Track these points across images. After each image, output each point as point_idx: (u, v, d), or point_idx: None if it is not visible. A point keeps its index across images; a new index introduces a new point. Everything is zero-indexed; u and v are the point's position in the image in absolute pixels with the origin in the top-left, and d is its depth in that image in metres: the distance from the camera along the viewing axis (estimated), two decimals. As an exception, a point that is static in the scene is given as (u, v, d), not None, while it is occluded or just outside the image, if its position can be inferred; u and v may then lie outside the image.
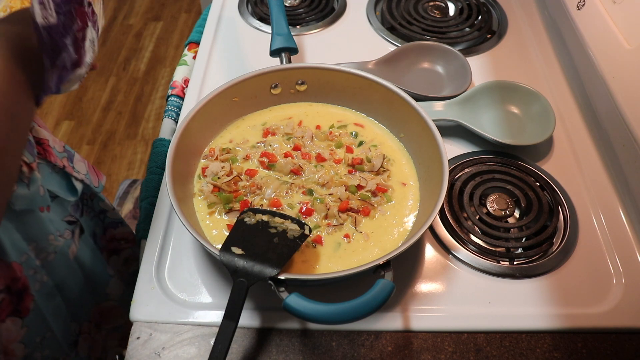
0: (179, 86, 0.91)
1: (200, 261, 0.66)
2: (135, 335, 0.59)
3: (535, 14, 1.03)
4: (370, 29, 1.00)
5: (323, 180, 0.67)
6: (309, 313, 0.50)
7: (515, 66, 0.92)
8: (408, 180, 0.70)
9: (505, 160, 0.76)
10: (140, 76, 2.31)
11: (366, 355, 0.58)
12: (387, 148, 0.73)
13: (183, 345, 0.58)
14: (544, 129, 0.77)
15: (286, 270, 0.58)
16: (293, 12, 1.02)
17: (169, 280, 0.64)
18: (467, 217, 0.70)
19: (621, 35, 0.72)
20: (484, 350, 0.59)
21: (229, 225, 0.64)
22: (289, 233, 0.57)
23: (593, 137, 0.80)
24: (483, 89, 0.82)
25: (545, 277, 0.65)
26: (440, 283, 0.64)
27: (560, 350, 0.59)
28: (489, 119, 0.81)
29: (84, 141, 2.05)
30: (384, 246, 0.63)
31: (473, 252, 0.66)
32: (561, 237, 0.68)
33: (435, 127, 0.66)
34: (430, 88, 0.87)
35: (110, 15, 2.61)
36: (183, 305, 0.62)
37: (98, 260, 0.81)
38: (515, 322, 0.61)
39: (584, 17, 0.82)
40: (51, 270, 0.69)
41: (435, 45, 0.91)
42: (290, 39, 0.79)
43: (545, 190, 0.72)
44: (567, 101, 0.86)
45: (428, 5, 1.04)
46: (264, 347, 0.59)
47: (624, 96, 0.70)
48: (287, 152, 0.71)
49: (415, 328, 0.60)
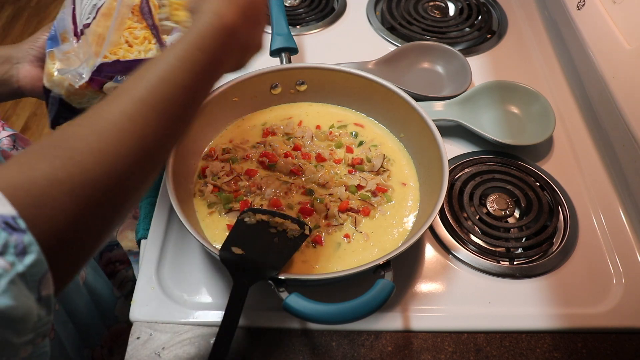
0: (179, 86, 0.91)
1: (200, 261, 0.66)
2: (135, 335, 0.59)
3: (535, 14, 1.03)
4: (370, 29, 1.00)
5: (323, 180, 0.67)
6: (309, 313, 0.50)
7: (515, 66, 0.92)
8: (408, 180, 0.70)
9: (505, 160, 0.76)
10: (140, 76, 2.31)
11: (366, 355, 0.58)
12: (387, 148, 0.73)
13: (183, 345, 0.58)
14: (544, 129, 0.77)
15: (286, 270, 0.58)
16: (293, 12, 1.02)
17: (169, 280, 0.64)
18: (467, 217, 0.70)
19: (621, 35, 0.72)
20: (484, 350, 0.59)
21: (228, 225, 0.63)
22: (289, 233, 0.57)
23: (593, 137, 0.80)
24: (483, 89, 0.82)
25: (545, 277, 0.65)
26: (440, 283, 0.64)
27: (560, 350, 0.59)
28: (489, 119, 0.81)
29: None
30: (383, 246, 0.63)
31: (473, 252, 0.66)
32: (561, 237, 0.68)
33: (435, 127, 0.66)
34: (430, 88, 0.87)
35: (110, 15, 2.61)
36: (183, 305, 0.61)
37: (104, 283, 0.80)
38: (515, 322, 0.61)
39: (584, 17, 0.82)
40: (63, 297, 0.69)
41: (435, 45, 0.91)
42: (290, 39, 0.79)
43: (545, 190, 0.72)
44: (567, 101, 0.86)
45: (428, 5, 1.04)
46: (264, 347, 0.59)
47: (624, 96, 0.70)
48: (287, 152, 0.71)
49: (415, 328, 0.60)
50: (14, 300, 0.28)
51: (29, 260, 0.29)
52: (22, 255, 0.28)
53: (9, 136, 0.68)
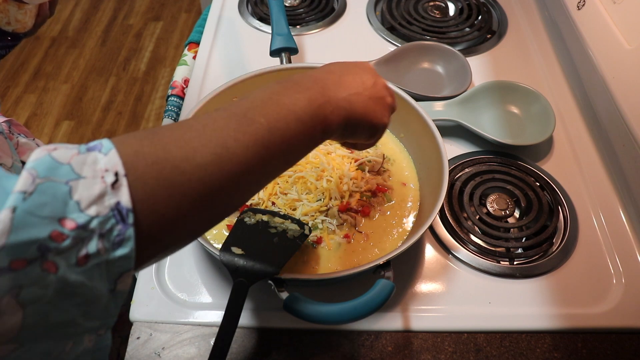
0: (179, 86, 0.91)
1: (200, 261, 0.66)
2: (135, 335, 0.59)
3: (535, 14, 1.03)
4: (370, 29, 1.00)
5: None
6: (309, 313, 0.50)
7: (515, 66, 0.92)
8: (408, 180, 0.70)
9: (505, 160, 0.76)
10: (140, 76, 2.31)
11: (366, 355, 0.58)
12: (387, 148, 0.73)
13: (183, 345, 0.58)
14: (544, 129, 0.77)
15: (286, 270, 0.57)
16: (293, 12, 1.02)
17: (169, 280, 0.64)
18: (467, 217, 0.70)
19: (621, 35, 0.72)
20: (484, 350, 0.59)
21: (228, 226, 0.64)
22: (289, 233, 0.57)
23: (593, 137, 0.80)
24: (483, 89, 0.82)
25: (545, 277, 0.65)
26: (440, 283, 0.64)
27: (560, 350, 0.59)
28: (489, 119, 0.81)
29: (84, 141, 2.00)
30: (383, 246, 0.63)
31: (473, 252, 0.66)
32: (561, 237, 0.68)
33: (435, 127, 0.66)
34: (430, 88, 0.87)
35: (110, 15, 2.61)
36: (183, 305, 0.61)
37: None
38: (515, 322, 0.61)
39: (584, 17, 0.82)
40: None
41: (435, 45, 0.91)
42: (290, 39, 0.79)
43: (545, 190, 0.72)
44: (567, 101, 0.86)
45: (428, 5, 1.04)
46: (264, 347, 0.59)
47: (624, 96, 0.70)
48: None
49: (415, 328, 0.60)
50: (90, 281, 0.29)
51: (121, 253, 0.30)
52: (118, 246, 0.29)
53: (3, 122, 0.69)
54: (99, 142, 0.32)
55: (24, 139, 0.67)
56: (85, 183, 0.29)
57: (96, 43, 2.46)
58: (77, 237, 0.28)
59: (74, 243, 0.28)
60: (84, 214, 0.28)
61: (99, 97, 2.22)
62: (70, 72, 2.32)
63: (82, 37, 2.48)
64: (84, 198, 0.29)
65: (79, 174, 0.29)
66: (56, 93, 2.23)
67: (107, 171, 0.30)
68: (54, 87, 2.25)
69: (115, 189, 0.30)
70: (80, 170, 0.29)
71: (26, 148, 0.65)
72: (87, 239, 0.28)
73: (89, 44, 2.46)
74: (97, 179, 0.29)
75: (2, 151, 0.55)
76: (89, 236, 0.28)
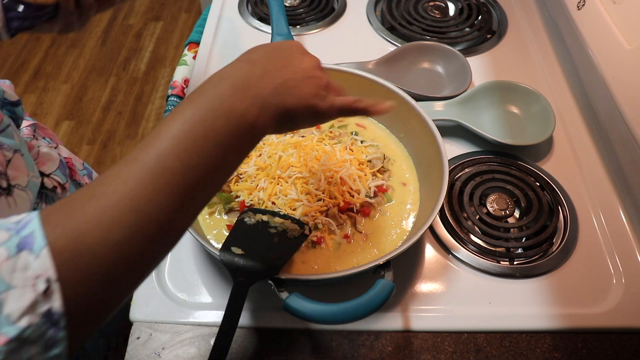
0: (179, 86, 0.91)
1: (200, 261, 0.66)
2: (135, 335, 0.59)
3: (535, 14, 1.03)
4: (370, 29, 1.00)
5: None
6: (309, 313, 0.50)
7: (515, 66, 0.92)
8: (408, 180, 0.70)
9: (505, 160, 0.76)
10: (140, 76, 2.31)
11: (366, 355, 0.58)
12: (387, 148, 0.73)
13: (183, 345, 0.58)
14: (544, 129, 0.77)
15: (286, 270, 0.58)
16: (293, 12, 1.02)
17: (169, 280, 0.64)
18: (467, 217, 0.70)
19: (621, 35, 0.72)
20: (484, 350, 0.59)
21: (228, 226, 0.64)
22: (289, 233, 0.57)
23: (593, 137, 0.80)
24: (483, 89, 0.82)
25: (545, 277, 0.65)
26: (440, 283, 0.64)
27: (560, 350, 0.59)
28: (489, 119, 0.81)
29: (84, 141, 2.05)
30: (383, 246, 0.63)
31: (473, 252, 0.66)
32: (561, 237, 0.68)
33: (435, 127, 0.66)
34: (430, 88, 0.87)
35: (110, 15, 2.61)
36: (183, 305, 0.61)
37: None
38: (515, 322, 0.61)
39: (584, 17, 0.82)
40: None
41: (435, 45, 0.91)
42: (290, 38, 0.79)
43: (545, 190, 0.72)
44: (567, 101, 0.86)
45: (428, 5, 1.04)
46: (264, 347, 0.59)
47: (624, 96, 0.70)
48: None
49: (415, 328, 0.60)
50: None
51: (55, 353, 0.30)
52: (51, 348, 0.30)
53: (28, 126, 0.68)
54: (30, 231, 0.30)
55: (45, 149, 0.65)
56: (16, 294, 0.29)
57: (96, 43, 2.46)
58: (10, 350, 0.28)
59: (7, 355, 0.28)
60: (16, 326, 0.28)
61: (99, 97, 2.22)
62: (70, 72, 2.32)
63: (82, 37, 2.48)
64: (14, 310, 0.28)
65: (9, 284, 0.29)
66: (56, 93, 2.23)
67: (38, 278, 0.29)
68: (54, 87, 2.25)
69: (47, 296, 0.29)
70: (11, 280, 0.29)
71: (47, 159, 0.64)
72: (19, 348, 0.28)
73: (89, 44, 2.46)
74: (28, 288, 0.29)
75: (17, 170, 0.54)
76: (20, 346, 0.28)
